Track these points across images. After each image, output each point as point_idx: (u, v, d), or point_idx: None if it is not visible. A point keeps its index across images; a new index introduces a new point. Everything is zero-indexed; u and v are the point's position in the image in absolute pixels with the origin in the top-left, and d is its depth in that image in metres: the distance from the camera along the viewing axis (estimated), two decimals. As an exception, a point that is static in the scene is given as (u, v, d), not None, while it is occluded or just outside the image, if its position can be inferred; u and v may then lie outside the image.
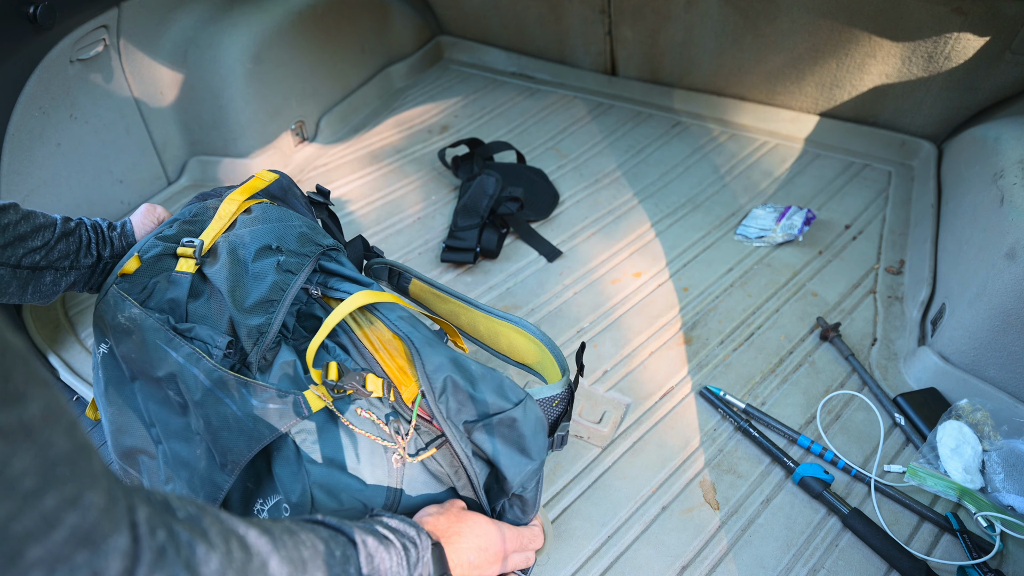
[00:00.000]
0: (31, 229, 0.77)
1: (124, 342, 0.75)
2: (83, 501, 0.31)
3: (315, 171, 1.60)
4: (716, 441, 0.98)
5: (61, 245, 0.80)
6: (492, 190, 1.34)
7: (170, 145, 1.52)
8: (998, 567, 0.82)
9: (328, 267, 0.81)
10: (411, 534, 0.59)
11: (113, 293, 0.78)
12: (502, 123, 1.73)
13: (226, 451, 0.67)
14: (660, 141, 1.62)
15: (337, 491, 0.68)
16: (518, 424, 0.70)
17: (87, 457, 0.32)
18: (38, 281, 0.79)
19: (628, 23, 1.65)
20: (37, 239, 0.77)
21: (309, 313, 0.78)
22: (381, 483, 0.69)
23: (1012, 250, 0.92)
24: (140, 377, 0.76)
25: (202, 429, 0.70)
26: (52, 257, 0.79)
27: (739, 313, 1.18)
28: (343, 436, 0.69)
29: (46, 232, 0.79)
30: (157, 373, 0.72)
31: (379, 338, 0.74)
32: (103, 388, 0.79)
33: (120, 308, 0.76)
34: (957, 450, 0.91)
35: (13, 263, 0.76)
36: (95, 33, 1.25)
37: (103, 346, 0.79)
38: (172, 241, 0.81)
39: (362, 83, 1.83)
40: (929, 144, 1.46)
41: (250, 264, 0.77)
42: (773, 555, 0.85)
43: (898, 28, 1.30)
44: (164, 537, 0.35)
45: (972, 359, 0.99)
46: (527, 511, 0.76)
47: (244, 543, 0.42)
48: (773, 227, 1.32)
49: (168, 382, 0.72)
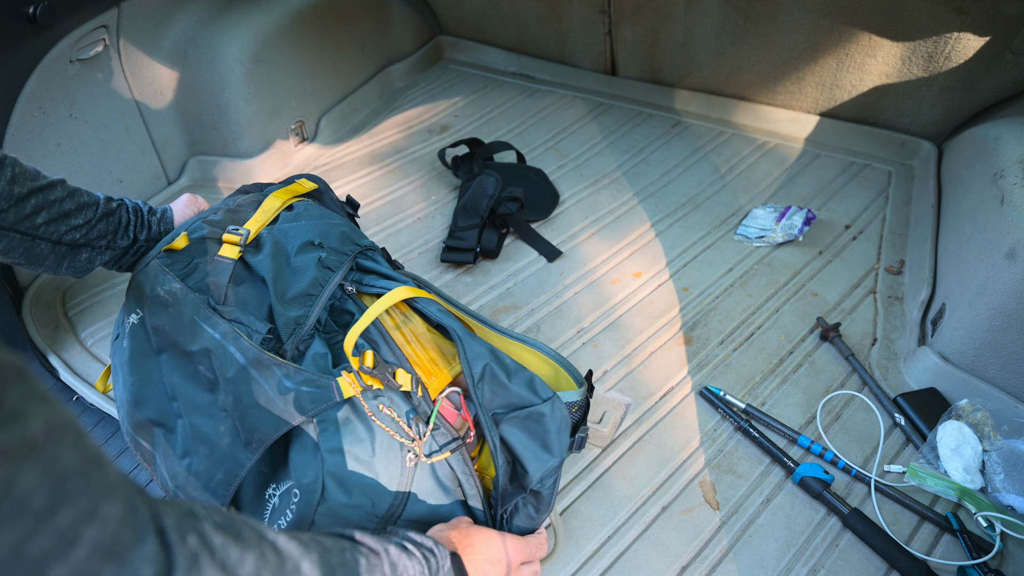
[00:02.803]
0: (75, 207, 0.80)
1: (159, 314, 0.78)
2: (100, 514, 0.30)
3: (315, 171, 1.60)
4: (716, 441, 0.98)
5: (101, 225, 0.83)
6: (492, 190, 1.34)
7: (170, 145, 1.52)
8: (998, 567, 0.82)
9: (365, 265, 0.85)
10: (429, 545, 0.60)
11: (155, 266, 0.81)
12: (502, 123, 1.73)
13: (253, 429, 0.70)
14: (660, 141, 1.62)
15: (349, 484, 0.69)
16: (545, 420, 0.73)
17: (99, 468, 0.31)
18: (74, 257, 0.83)
19: (628, 23, 1.65)
20: (80, 217, 0.80)
21: (342, 308, 0.81)
22: (393, 479, 0.70)
23: (1012, 250, 0.92)
24: (168, 350, 0.78)
25: (230, 406, 0.72)
26: (91, 236, 0.82)
27: (739, 313, 1.18)
28: (362, 429, 0.71)
29: (88, 211, 0.82)
30: (190, 347, 0.75)
31: (412, 331, 0.79)
32: (127, 357, 0.81)
33: (160, 281, 0.79)
34: (957, 450, 0.91)
35: (55, 239, 0.79)
36: (95, 33, 1.25)
37: (134, 316, 0.81)
38: (218, 227, 0.85)
39: (362, 83, 1.83)
40: (929, 144, 1.46)
41: (292, 258, 0.81)
42: (773, 555, 0.85)
43: (898, 28, 1.30)
44: (196, 543, 0.35)
45: (972, 359, 0.99)
46: (541, 509, 0.77)
47: (276, 547, 0.42)
48: (773, 227, 1.32)
49: (201, 357, 0.74)
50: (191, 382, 0.76)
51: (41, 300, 1.25)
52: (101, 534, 0.29)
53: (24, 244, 0.77)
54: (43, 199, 0.77)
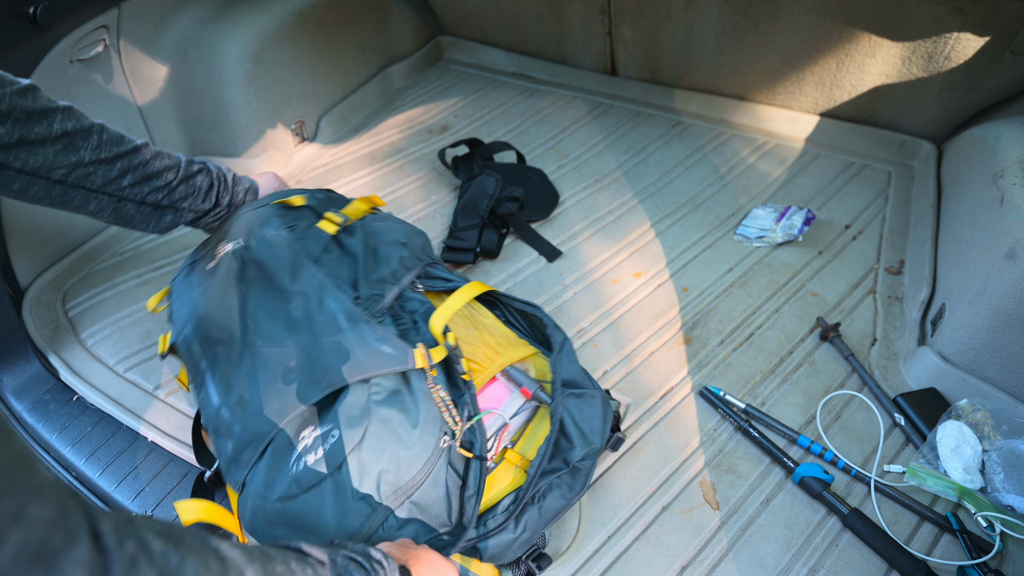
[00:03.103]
0: (157, 170, 0.88)
1: (264, 250, 0.90)
2: (27, 515, 0.29)
3: (315, 171, 1.60)
4: (716, 441, 0.98)
5: (181, 188, 0.91)
6: (492, 190, 1.34)
7: (170, 145, 1.52)
8: (998, 567, 0.82)
9: (433, 272, 0.98)
10: (378, 557, 0.59)
11: (269, 211, 0.95)
12: (502, 123, 1.73)
13: (327, 371, 0.78)
14: (660, 141, 1.62)
15: (384, 442, 0.74)
16: (596, 404, 0.86)
17: (27, 468, 0.30)
18: (160, 218, 0.91)
19: (628, 23, 1.65)
20: (161, 179, 0.88)
21: (411, 296, 0.93)
22: (424, 453, 0.75)
23: (1012, 250, 0.92)
24: (259, 284, 0.88)
25: (310, 345, 0.81)
26: (174, 198, 0.90)
27: (739, 313, 1.18)
28: (411, 402, 0.78)
29: (169, 173, 0.89)
30: (289, 286, 0.86)
31: (482, 321, 0.94)
32: (210, 279, 0.90)
33: (271, 224, 0.93)
34: (957, 450, 0.91)
35: (139, 200, 0.87)
36: (95, 33, 1.26)
37: (236, 243, 0.92)
38: (320, 205, 1.02)
39: (362, 83, 1.83)
40: (929, 144, 1.46)
41: (380, 248, 0.96)
42: (773, 555, 0.85)
43: (898, 28, 1.30)
44: (135, 548, 0.34)
45: (972, 359, 0.99)
46: (576, 488, 0.83)
47: (219, 554, 0.41)
48: (773, 227, 1.32)
49: (296, 296, 0.86)
50: (273, 316, 0.85)
51: (41, 300, 1.25)
52: (27, 536, 0.28)
53: (112, 205, 0.85)
54: (128, 163, 0.84)
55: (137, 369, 1.13)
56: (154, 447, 1.01)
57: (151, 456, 1.00)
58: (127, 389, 1.10)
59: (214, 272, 0.91)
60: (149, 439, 1.02)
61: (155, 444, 1.01)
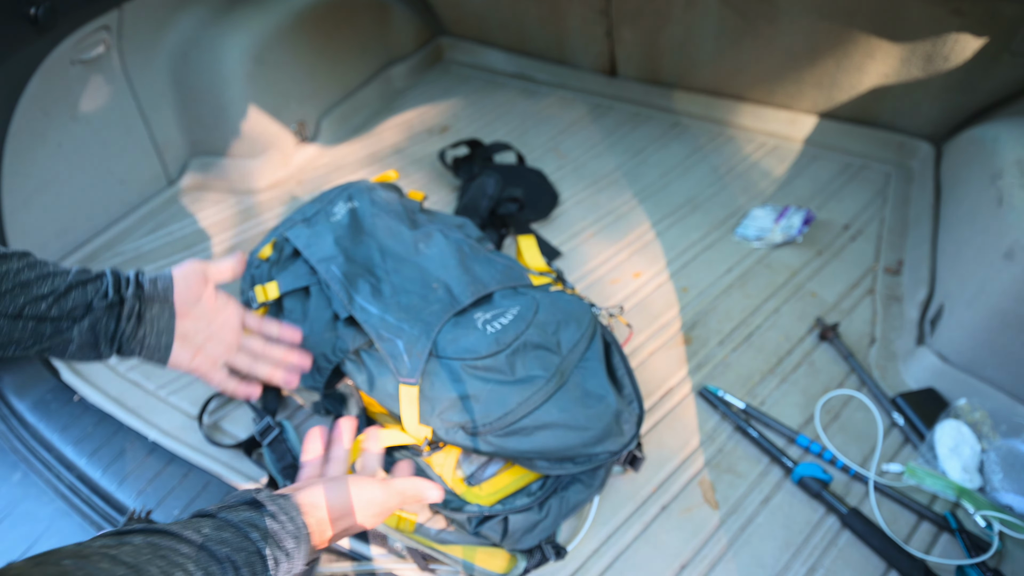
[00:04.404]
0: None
1: (379, 205, 1.05)
2: None
3: (316, 172, 1.60)
4: (715, 441, 0.99)
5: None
6: (492, 191, 1.34)
7: (171, 146, 1.52)
8: (996, 566, 0.82)
9: None
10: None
11: (372, 183, 1.12)
12: (502, 124, 1.73)
13: (475, 280, 0.92)
14: (660, 142, 1.62)
15: (548, 329, 0.87)
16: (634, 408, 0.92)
17: None
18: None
19: (628, 24, 1.65)
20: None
21: None
22: (580, 325, 0.90)
23: (1010, 250, 0.93)
24: (383, 231, 1.00)
25: (454, 264, 0.94)
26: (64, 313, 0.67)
27: (738, 313, 1.18)
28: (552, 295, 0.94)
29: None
30: (413, 229, 1.01)
31: None
32: (339, 229, 1.01)
33: (378, 190, 1.10)
34: (955, 450, 0.91)
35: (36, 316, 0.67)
36: (96, 34, 1.26)
37: (350, 203, 1.05)
38: (393, 188, 1.19)
39: (362, 84, 1.84)
40: (928, 144, 1.46)
41: (448, 220, 1.11)
42: (772, 554, 0.85)
43: (896, 29, 1.31)
44: None
45: (970, 359, 0.99)
46: (593, 484, 0.87)
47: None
48: (772, 227, 1.32)
49: (422, 236, 1.00)
50: (405, 250, 0.98)
51: (42, 300, 1.25)
52: None
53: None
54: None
55: (138, 369, 1.13)
56: (155, 447, 1.01)
57: (152, 456, 1.00)
58: (128, 389, 1.11)
59: (343, 223, 1.02)
60: (150, 439, 1.02)
61: (156, 444, 1.02)
